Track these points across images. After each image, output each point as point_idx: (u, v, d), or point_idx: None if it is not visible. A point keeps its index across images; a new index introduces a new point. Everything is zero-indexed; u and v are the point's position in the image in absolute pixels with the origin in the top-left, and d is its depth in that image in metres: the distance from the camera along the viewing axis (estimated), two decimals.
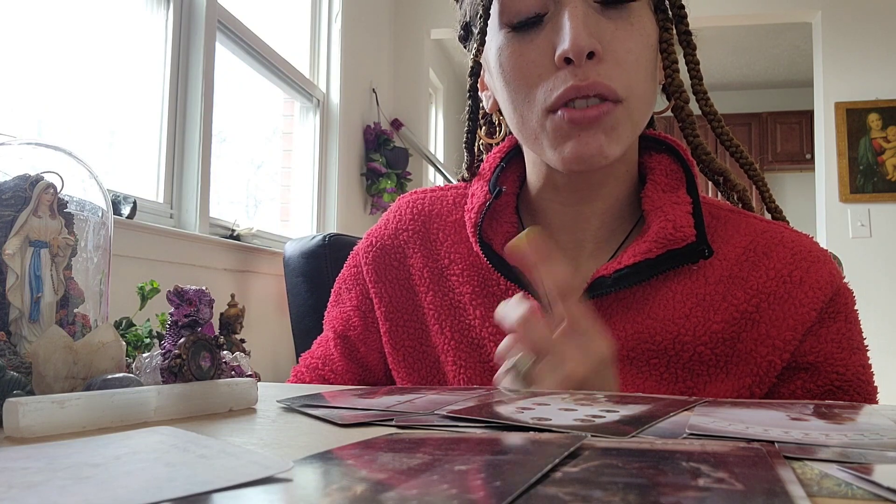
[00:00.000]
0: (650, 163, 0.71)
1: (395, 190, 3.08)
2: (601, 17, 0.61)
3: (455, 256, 0.73)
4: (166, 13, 1.89)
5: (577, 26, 0.59)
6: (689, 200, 0.66)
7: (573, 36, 0.58)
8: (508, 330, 0.57)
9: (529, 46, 0.62)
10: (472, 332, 0.71)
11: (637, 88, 0.62)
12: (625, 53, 0.61)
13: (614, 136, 0.62)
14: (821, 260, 0.66)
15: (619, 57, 0.61)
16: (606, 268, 0.65)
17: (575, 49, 0.58)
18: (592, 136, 0.61)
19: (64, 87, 1.63)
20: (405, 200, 0.80)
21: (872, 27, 3.57)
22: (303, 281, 1.80)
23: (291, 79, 2.55)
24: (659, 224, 0.65)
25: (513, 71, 0.63)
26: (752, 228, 0.68)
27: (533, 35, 0.62)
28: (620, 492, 0.24)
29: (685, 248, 0.64)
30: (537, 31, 0.62)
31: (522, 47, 0.63)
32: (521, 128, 0.66)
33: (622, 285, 0.64)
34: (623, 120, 0.62)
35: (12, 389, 0.42)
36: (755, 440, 0.33)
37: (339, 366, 0.78)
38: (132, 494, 0.24)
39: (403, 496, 0.23)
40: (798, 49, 5.14)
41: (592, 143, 0.61)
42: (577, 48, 0.58)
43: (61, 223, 0.50)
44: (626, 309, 0.66)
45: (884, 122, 3.58)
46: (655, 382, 0.64)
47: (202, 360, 0.48)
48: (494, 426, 0.39)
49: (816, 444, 0.33)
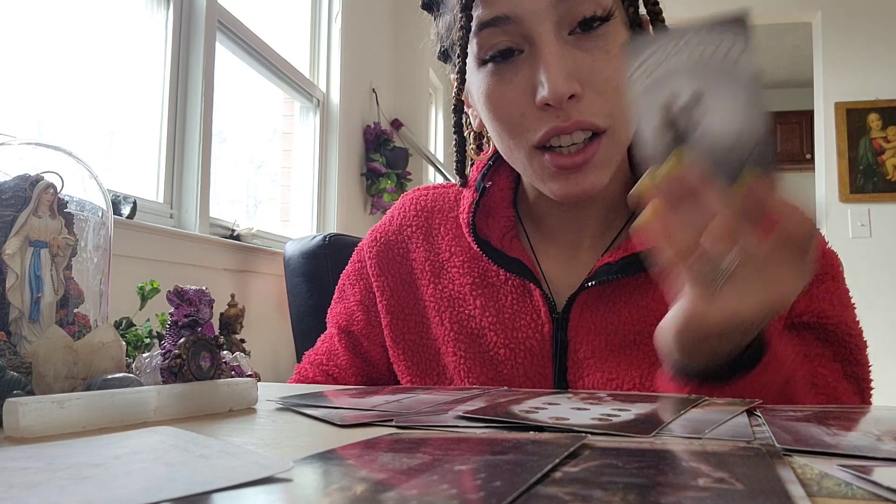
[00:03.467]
0: None
1: (395, 190, 3.07)
2: (576, 51, 0.61)
3: (455, 249, 0.74)
4: (166, 13, 1.89)
5: (555, 72, 0.59)
6: None
7: (551, 83, 0.58)
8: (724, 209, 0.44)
9: (510, 87, 0.62)
10: (472, 323, 0.71)
11: (620, 113, 0.62)
12: (604, 83, 0.61)
13: (603, 168, 0.63)
14: None
15: (599, 88, 0.61)
16: (612, 255, 0.66)
17: (554, 96, 0.59)
18: (582, 177, 0.62)
19: (64, 87, 1.63)
20: (409, 197, 0.82)
21: (872, 27, 3.57)
22: (303, 281, 1.80)
23: (291, 79, 2.55)
24: None
25: (495, 110, 0.64)
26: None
27: (511, 74, 0.62)
28: (620, 492, 0.24)
29: None
30: (516, 69, 0.62)
31: (503, 87, 0.63)
32: (509, 157, 0.68)
33: (628, 273, 0.65)
34: (610, 148, 0.63)
35: (12, 389, 0.42)
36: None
37: (343, 361, 0.79)
38: (132, 494, 0.24)
39: (403, 496, 0.23)
40: (798, 49, 5.14)
41: (582, 182, 0.62)
42: (556, 95, 0.58)
43: (61, 223, 0.50)
44: (631, 295, 0.67)
45: (884, 122, 3.58)
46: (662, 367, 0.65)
47: (202, 360, 0.48)
48: (506, 426, 0.39)
49: (821, 445, 0.33)
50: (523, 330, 0.69)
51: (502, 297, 0.71)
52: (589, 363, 0.66)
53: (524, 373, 0.69)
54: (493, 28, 0.61)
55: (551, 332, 0.68)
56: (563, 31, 0.61)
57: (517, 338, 0.69)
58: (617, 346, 0.66)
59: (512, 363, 0.69)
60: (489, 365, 0.70)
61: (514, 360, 0.69)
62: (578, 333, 0.67)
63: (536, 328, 0.68)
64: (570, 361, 0.67)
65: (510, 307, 0.70)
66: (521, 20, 0.60)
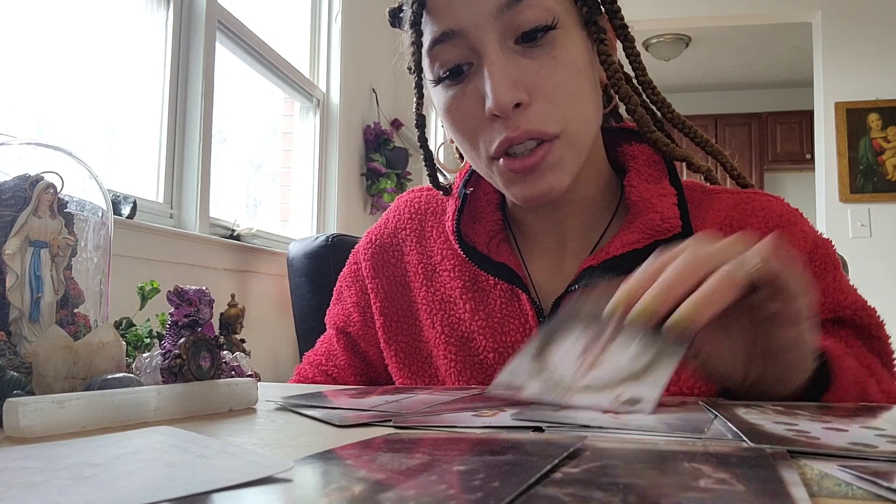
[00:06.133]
0: (630, 151, 0.72)
1: (394, 190, 3.07)
2: (522, 59, 0.60)
3: (446, 253, 0.75)
4: (166, 13, 1.89)
5: (498, 83, 0.59)
6: (675, 192, 0.68)
7: (495, 94, 0.58)
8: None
9: (463, 100, 0.63)
10: (462, 326, 0.72)
11: (573, 116, 0.62)
12: (553, 89, 0.61)
13: (559, 169, 0.63)
14: (791, 221, 0.67)
15: (547, 94, 0.60)
16: (595, 257, 0.66)
17: (498, 107, 0.59)
18: (538, 179, 0.62)
19: (64, 87, 1.63)
20: (404, 199, 0.82)
21: (872, 27, 3.57)
22: (306, 281, 1.80)
23: (291, 79, 2.55)
24: (647, 216, 0.66)
25: (453, 123, 0.65)
26: (724, 203, 0.69)
27: (463, 87, 0.62)
28: (620, 492, 0.24)
29: (671, 237, 0.65)
30: (467, 81, 0.62)
31: (457, 100, 0.63)
32: (475, 166, 0.68)
33: (611, 275, 0.65)
34: (564, 151, 0.62)
35: (12, 389, 0.42)
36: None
37: (342, 361, 0.80)
38: (132, 494, 0.24)
39: (402, 496, 0.23)
40: (798, 49, 5.14)
41: (540, 184, 0.62)
42: (501, 105, 0.59)
43: (61, 223, 0.50)
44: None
45: (884, 122, 3.58)
46: None
47: (202, 360, 0.48)
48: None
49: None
50: (512, 334, 0.69)
51: (491, 302, 0.71)
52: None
53: None
54: (443, 44, 0.62)
55: None
56: (507, 41, 0.60)
57: (506, 342, 0.69)
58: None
59: (501, 367, 0.69)
60: (479, 368, 0.70)
61: (503, 363, 0.69)
62: None
63: (524, 332, 0.69)
64: None
65: (499, 311, 0.70)
66: (465, 33, 0.61)
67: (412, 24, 0.63)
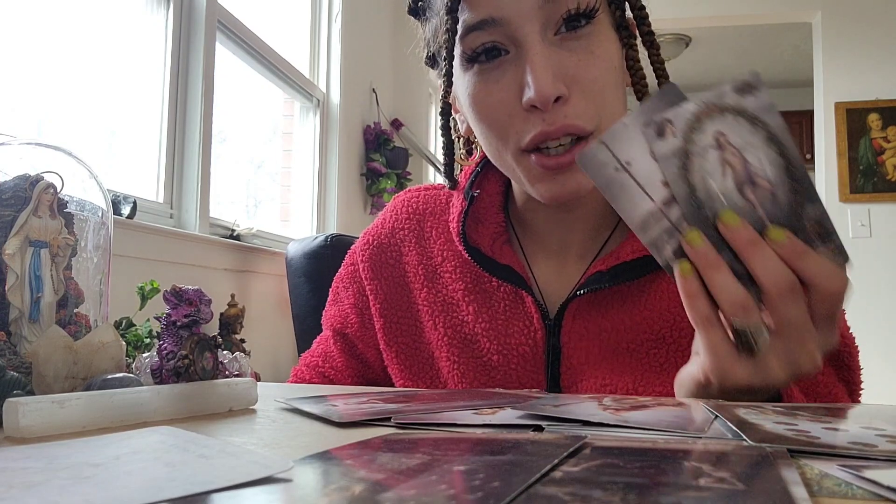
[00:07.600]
0: None
1: (394, 190, 3.07)
2: (562, 52, 0.60)
3: (448, 254, 0.74)
4: (166, 13, 1.89)
5: (541, 74, 0.58)
6: None
7: (538, 85, 0.58)
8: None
9: (496, 87, 0.62)
10: (466, 328, 0.71)
11: (606, 113, 0.62)
12: (590, 84, 0.60)
13: None
14: None
15: (585, 89, 0.60)
16: (604, 262, 0.66)
17: (541, 98, 0.58)
18: (569, 178, 0.61)
19: (64, 87, 1.63)
20: (401, 199, 0.81)
21: (872, 27, 3.57)
22: (305, 281, 1.81)
23: (291, 79, 2.55)
24: None
25: (482, 112, 0.63)
26: None
27: (498, 76, 0.62)
28: (620, 492, 0.24)
29: None
30: (502, 70, 0.61)
31: (489, 87, 0.62)
32: (497, 160, 0.67)
33: (619, 281, 0.65)
34: None
35: (12, 389, 0.42)
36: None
37: (339, 362, 0.80)
38: (132, 494, 0.24)
39: (401, 496, 0.23)
40: (798, 49, 5.14)
41: (570, 183, 0.62)
42: (543, 97, 0.58)
43: (61, 223, 0.50)
44: (624, 302, 0.66)
45: (884, 122, 3.58)
46: (656, 373, 0.65)
47: (205, 360, 0.48)
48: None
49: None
50: (516, 336, 0.69)
51: (495, 303, 0.70)
52: (582, 369, 0.66)
53: (517, 378, 0.68)
54: (479, 31, 0.61)
55: (544, 339, 0.68)
56: (548, 33, 0.60)
57: (510, 344, 0.69)
58: (610, 353, 0.66)
59: (505, 369, 0.69)
60: (482, 370, 0.70)
61: (508, 365, 0.69)
62: (571, 339, 0.67)
63: (529, 334, 0.68)
64: (563, 367, 0.67)
65: (503, 313, 0.70)
66: (506, 22, 0.60)
67: (449, 10, 0.62)
